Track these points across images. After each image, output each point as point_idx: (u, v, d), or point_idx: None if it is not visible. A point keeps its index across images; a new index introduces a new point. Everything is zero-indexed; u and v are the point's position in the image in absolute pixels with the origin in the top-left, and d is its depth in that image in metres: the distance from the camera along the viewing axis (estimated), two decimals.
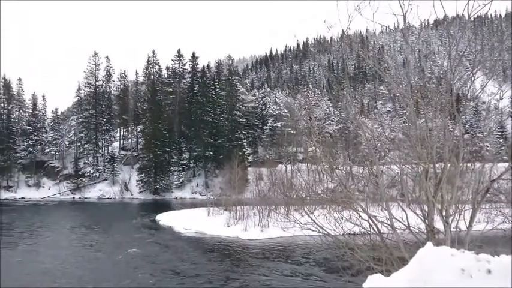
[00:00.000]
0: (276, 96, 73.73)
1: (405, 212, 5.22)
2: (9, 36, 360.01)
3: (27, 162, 63.80)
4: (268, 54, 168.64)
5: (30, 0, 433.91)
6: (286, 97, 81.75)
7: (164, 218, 31.73)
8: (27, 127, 67.24)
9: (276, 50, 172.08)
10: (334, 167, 6.24)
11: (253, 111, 69.84)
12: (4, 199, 56.90)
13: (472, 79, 5.41)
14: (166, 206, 40.97)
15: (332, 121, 67.00)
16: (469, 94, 6.21)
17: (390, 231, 5.13)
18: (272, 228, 25.01)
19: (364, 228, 5.42)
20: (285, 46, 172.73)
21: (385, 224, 5.20)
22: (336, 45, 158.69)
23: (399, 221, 5.13)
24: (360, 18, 5.38)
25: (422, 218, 5.02)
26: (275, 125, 63.55)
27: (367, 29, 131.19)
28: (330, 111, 69.18)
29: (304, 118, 65.76)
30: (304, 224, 5.80)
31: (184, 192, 55.85)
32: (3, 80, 71.86)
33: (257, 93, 75.92)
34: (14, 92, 72.76)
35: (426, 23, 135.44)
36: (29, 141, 65.06)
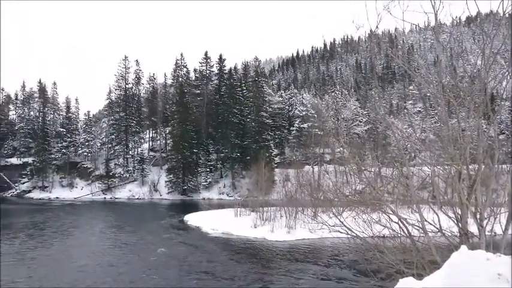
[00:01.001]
0: (302, 97, 73.33)
1: (437, 214, 5.09)
2: (47, 39, 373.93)
3: (61, 163, 66.07)
4: (294, 55, 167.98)
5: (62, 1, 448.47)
6: (313, 98, 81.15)
7: (192, 219, 32.11)
8: (61, 129, 69.69)
9: (303, 51, 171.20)
10: (363, 168, 6.16)
11: (280, 113, 69.75)
12: (40, 199, 59.18)
13: (508, 78, 5.22)
14: (194, 207, 41.44)
15: (360, 122, 66.05)
16: (504, 93, 6.00)
17: (421, 234, 5.02)
18: (299, 230, 24.89)
19: (394, 231, 5.33)
20: (312, 47, 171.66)
21: (415, 227, 5.10)
22: (363, 45, 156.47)
23: (431, 223, 5.01)
24: (388, 17, 5.30)
25: (455, 221, 4.89)
26: (302, 126, 63.22)
27: (395, 28, 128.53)
28: (358, 112, 68.20)
29: (332, 119, 65.30)
30: (333, 225, 5.75)
31: (212, 193, 56.37)
32: (39, 84, 74.84)
33: (284, 94, 75.77)
34: (49, 96, 75.61)
35: (458, 21, 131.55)
36: (63, 143, 67.38)
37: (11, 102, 79.10)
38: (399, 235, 5.32)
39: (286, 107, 71.28)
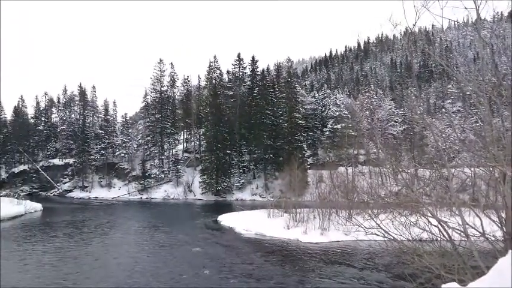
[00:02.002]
0: (336, 97, 72.46)
1: (479, 217, 4.89)
2: (85, 44, 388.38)
3: (100, 164, 68.48)
4: (327, 54, 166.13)
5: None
6: (346, 98, 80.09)
7: (225, 219, 32.38)
8: (100, 131, 72.24)
9: (336, 51, 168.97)
10: (400, 169, 6.00)
11: (312, 113, 69.21)
12: (80, 198, 61.58)
13: None
14: (227, 207, 41.80)
15: (396, 122, 64.47)
16: None
17: (463, 238, 4.82)
18: (333, 232, 24.58)
19: (434, 234, 5.16)
20: (345, 46, 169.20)
21: (456, 230, 4.92)
22: (399, 43, 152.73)
23: (473, 227, 4.81)
24: (425, 14, 5.15)
25: (499, 225, 4.68)
26: (335, 126, 62.42)
27: (433, 25, 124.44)
28: (394, 112, 66.62)
29: (366, 119, 64.15)
30: (369, 228, 5.63)
31: (245, 194, 56.65)
32: (79, 88, 77.97)
33: (317, 95, 75.14)
34: (89, 99, 78.62)
35: (500, 16, 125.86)
36: (102, 145, 69.82)
37: (54, 105, 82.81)
38: (439, 239, 5.14)
39: (319, 107, 70.62)
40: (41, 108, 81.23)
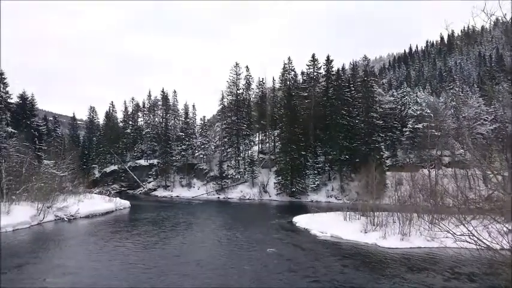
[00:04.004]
0: (416, 95, 68.68)
1: None
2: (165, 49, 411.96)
3: (181, 164, 72.23)
4: (407, 51, 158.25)
5: None
6: (428, 96, 75.62)
7: (300, 221, 32.26)
8: (181, 133, 76.20)
9: (416, 46, 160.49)
10: (493, 172, 5.51)
11: (391, 113, 66.29)
12: (163, 197, 65.46)
13: None
14: (302, 209, 41.61)
15: (485, 121, 59.32)
16: None
17: None
18: (414, 237, 23.32)
19: None
20: (427, 41, 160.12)
21: None
22: (488, 36, 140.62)
23: None
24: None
25: None
26: (416, 126, 59.12)
27: None
28: (482, 110, 61.36)
29: (451, 118, 59.93)
30: (460, 234, 5.22)
31: (320, 196, 55.95)
32: (162, 93, 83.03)
33: (395, 94, 71.86)
34: (170, 103, 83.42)
35: None
36: (182, 146, 73.56)
37: (140, 110, 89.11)
38: None
39: (399, 106, 67.42)
40: (129, 113, 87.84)
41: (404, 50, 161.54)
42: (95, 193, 53.72)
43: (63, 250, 22.64)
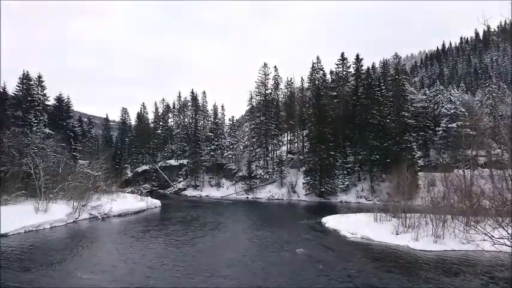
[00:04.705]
0: (450, 93, 66.68)
1: None
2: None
3: (210, 164, 73.02)
4: (440, 48, 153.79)
5: None
6: (463, 94, 73.28)
7: (330, 221, 31.96)
8: (210, 134, 77.06)
9: (450, 43, 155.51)
10: None
11: (423, 112, 64.58)
12: (193, 196, 66.38)
13: None
14: (331, 209, 41.23)
15: None
16: None
17: None
18: (448, 240, 22.62)
19: None
20: (461, 38, 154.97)
21: None
22: None
23: None
24: None
25: None
26: (450, 125, 57.37)
27: None
28: None
29: (487, 117, 57.80)
30: (498, 237, 5.03)
31: (349, 196, 55.19)
32: (191, 94, 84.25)
33: (428, 92, 69.96)
34: (200, 104, 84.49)
35: None
36: (211, 146, 74.34)
37: (170, 111, 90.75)
38: None
39: (431, 105, 65.58)
40: (159, 114, 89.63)
41: (437, 47, 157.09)
42: (127, 192, 55.10)
43: (98, 248, 23.39)
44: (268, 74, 72.99)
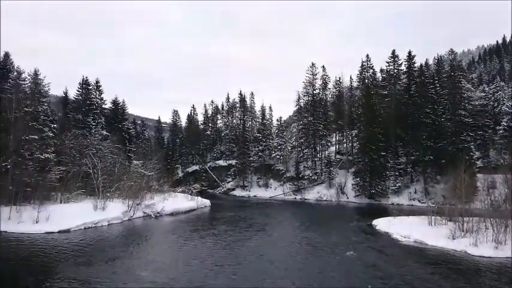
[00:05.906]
0: None
1: None
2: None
3: (258, 165, 73.52)
4: (500, 42, 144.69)
5: None
6: None
7: (381, 224, 31.14)
8: (258, 135, 77.60)
9: (511, 36, 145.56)
10: None
11: (482, 110, 61.03)
12: (241, 196, 67.18)
13: None
14: (382, 212, 40.10)
15: None
16: None
17: None
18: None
19: None
20: None
21: None
22: None
23: None
24: None
25: None
26: None
27: None
28: None
29: None
30: None
31: (401, 199, 53.34)
32: (239, 95, 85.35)
33: (487, 89, 66.08)
34: (248, 105, 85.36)
35: None
36: (259, 147, 74.85)
37: (219, 112, 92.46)
38: None
39: (491, 103, 61.86)
40: (209, 115, 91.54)
41: (497, 41, 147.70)
42: (178, 192, 56.80)
43: (152, 246, 24.39)
44: (316, 74, 72.26)
